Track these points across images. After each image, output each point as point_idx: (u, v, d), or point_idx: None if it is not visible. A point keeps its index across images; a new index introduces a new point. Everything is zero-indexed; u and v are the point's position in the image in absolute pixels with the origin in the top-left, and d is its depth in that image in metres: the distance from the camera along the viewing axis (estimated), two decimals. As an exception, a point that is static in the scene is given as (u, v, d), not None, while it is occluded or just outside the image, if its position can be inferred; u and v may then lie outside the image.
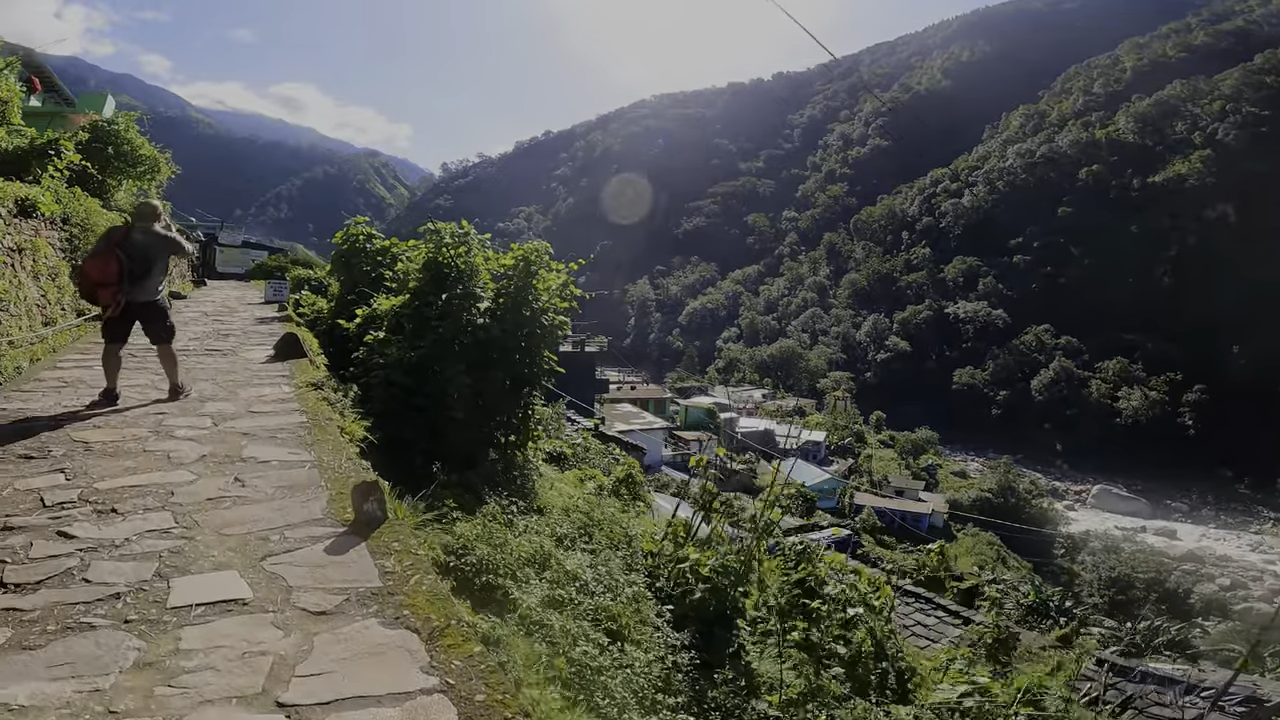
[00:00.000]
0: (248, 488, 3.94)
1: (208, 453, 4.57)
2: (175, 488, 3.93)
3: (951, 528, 40.75)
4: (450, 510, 4.33)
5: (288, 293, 15.90)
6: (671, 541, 5.24)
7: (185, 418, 5.44)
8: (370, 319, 7.51)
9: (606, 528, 5.06)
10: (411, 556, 3.18)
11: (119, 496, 3.77)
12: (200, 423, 5.34)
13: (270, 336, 9.99)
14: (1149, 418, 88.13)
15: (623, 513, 6.23)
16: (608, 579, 3.85)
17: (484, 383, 6.00)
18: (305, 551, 3.19)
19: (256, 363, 7.98)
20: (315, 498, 3.82)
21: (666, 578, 4.81)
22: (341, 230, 11.12)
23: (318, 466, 4.26)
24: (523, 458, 6.52)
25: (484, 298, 6.38)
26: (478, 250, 6.81)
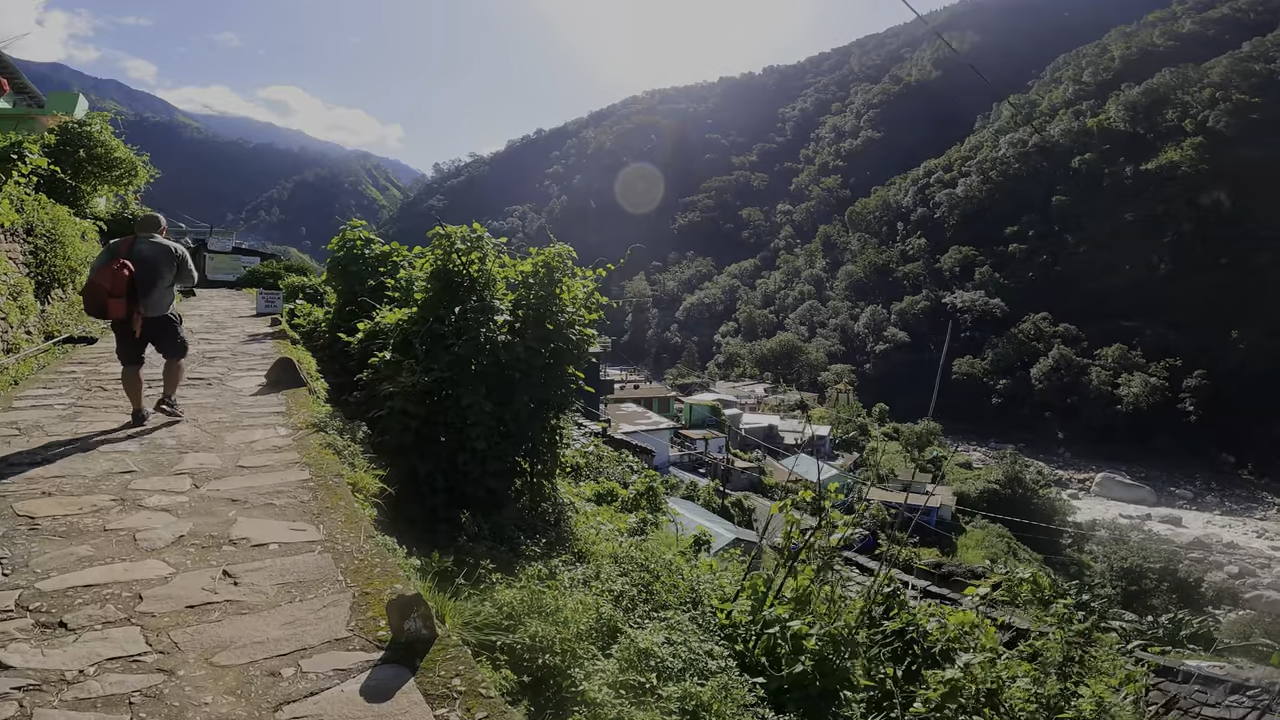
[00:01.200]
0: (242, 586, 3.03)
1: (187, 531, 3.59)
2: (145, 587, 3.00)
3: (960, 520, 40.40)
4: (485, 570, 3.76)
5: (281, 304, 15.15)
6: (750, 596, 4.63)
7: (158, 477, 4.39)
8: (373, 333, 6.86)
9: (665, 578, 4.48)
10: (485, 705, 2.39)
11: (70, 602, 2.87)
12: (177, 484, 4.27)
13: (263, 359, 8.97)
14: (1150, 404, 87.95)
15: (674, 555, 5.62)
16: (686, 653, 3.27)
17: (507, 408, 5.41)
18: (333, 696, 2.37)
19: (246, 394, 6.84)
20: (334, 602, 2.93)
21: (747, 641, 4.18)
22: (337, 235, 10.47)
23: (330, 550, 3.38)
24: (550, 487, 5.94)
25: (502, 310, 5.78)
26: (493, 256, 6.17)
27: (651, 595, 4.19)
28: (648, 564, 4.58)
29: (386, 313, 6.99)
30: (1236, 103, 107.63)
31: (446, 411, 5.23)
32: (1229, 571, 44.18)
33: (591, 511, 6.58)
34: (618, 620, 3.74)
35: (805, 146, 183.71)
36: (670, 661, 3.13)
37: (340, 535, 3.52)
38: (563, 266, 6.04)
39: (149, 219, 6.05)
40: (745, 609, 4.41)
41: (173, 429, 5.44)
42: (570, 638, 3.13)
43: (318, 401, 6.31)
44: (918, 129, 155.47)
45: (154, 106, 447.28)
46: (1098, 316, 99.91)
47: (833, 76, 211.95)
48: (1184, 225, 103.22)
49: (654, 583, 4.30)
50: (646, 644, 3.14)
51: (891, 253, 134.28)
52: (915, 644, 4.64)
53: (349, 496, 3.97)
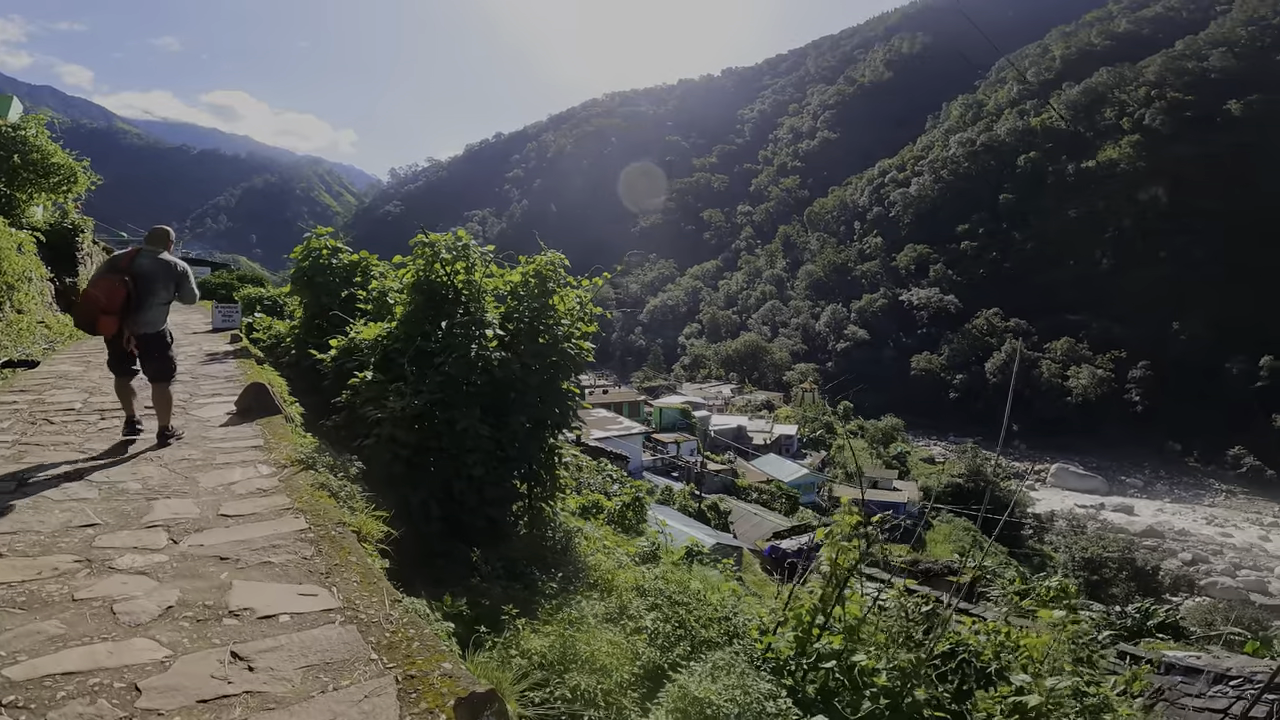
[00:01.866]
0: (259, 672, 2.44)
1: (175, 600, 2.94)
2: (140, 676, 2.40)
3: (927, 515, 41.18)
4: (509, 615, 3.45)
5: (239, 318, 14.33)
6: (797, 626, 4.35)
7: (127, 531, 3.65)
8: (349, 350, 6.42)
9: (697, 610, 4.22)
10: None
11: (50, 695, 2.27)
12: (151, 540, 3.56)
13: (228, 382, 8.21)
14: (1098, 395, 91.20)
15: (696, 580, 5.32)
16: (742, 697, 3.00)
17: (503, 429, 5.08)
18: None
19: (215, 425, 5.98)
20: (376, 690, 2.34)
21: (795, 675, 3.89)
22: (301, 244, 9.90)
23: (354, 620, 2.81)
24: (551, 511, 5.63)
25: (493, 324, 5.43)
26: (480, 266, 5.80)
27: (687, 630, 3.93)
28: (675, 595, 4.31)
29: (362, 327, 6.58)
30: (1171, 100, 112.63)
31: (439, 436, 4.86)
32: (1183, 559, 45.96)
33: (598, 537, 6.28)
34: (658, 661, 3.48)
35: (764, 148, 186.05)
36: (727, 708, 2.87)
37: (360, 600, 2.98)
38: (555, 276, 5.72)
39: (158, 233, 5.86)
40: (790, 640, 4.14)
41: (136, 469, 4.74)
42: (613, 688, 2.86)
43: (298, 432, 5.71)
44: (872, 129, 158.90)
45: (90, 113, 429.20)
46: (1046, 311, 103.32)
47: (790, 78, 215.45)
48: (1124, 221, 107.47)
49: (686, 616, 4.04)
50: (702, 692, 2.86)
51: (849, 252, 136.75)
52: (967, 664, 4.43)
53: (359, 550, 3.46)
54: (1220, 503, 68.85)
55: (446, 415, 4.89)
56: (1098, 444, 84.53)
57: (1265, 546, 52.93)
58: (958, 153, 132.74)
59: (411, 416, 4.81)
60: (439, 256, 5.69)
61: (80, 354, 9.76)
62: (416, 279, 5.82)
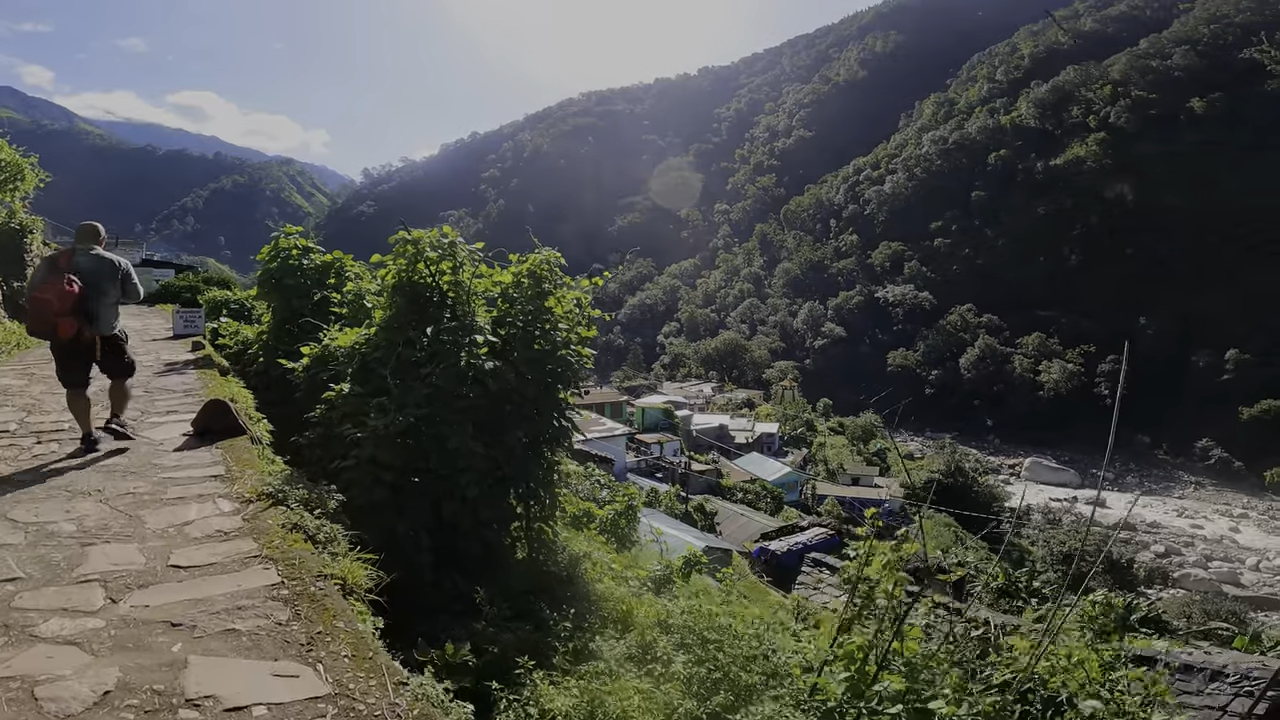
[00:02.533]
0: None
1: (114, 683, 2.31)
2: None
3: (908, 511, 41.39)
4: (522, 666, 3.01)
5: (203, 323, 13.27)
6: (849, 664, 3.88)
7: (54, 588, 2.98)
8: (323, 359, 5.91)
9: (732, 647, 3.79)
10: None
11: None
12: (83, 599, 2.87)
13: (186, 396, 7.27)
14: (1069, 389, 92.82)
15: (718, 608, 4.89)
16: None
17: (498, 446, 4.63)
18: None
19: (168, 449, 5.20)
20: None
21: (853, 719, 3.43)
22: (269, 244, 9.29)
23: (350, 713, 2.21)
24: (551, 533, 5.18)
25: (483, 330, 4.96)
26: (469, 266, 5.33)
27: (725, 673, 3.50)
28: (705, 632, 3.87)
29: (337, 333, 6.07)
30: (1136, 99, 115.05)
31: (427, 456, 4.38)
32: (1156, 551, 46.75)
33: (605, 560, 5.82)
34: (697, 714, 3.07)
35: (740, 146, 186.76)
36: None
37: (354, 683, 2.36)
38: (551, 276, 5.27)
39: (87, 229, 5.52)
40: (843, 681, 3.67)
41: (72, 509, 3.95)
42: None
43: (266, 457, 4.99)
44: (847, 127, 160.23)
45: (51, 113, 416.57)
46: (1017, 307, 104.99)
47: (766, 77, 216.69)
48: (1091, 218, 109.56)
49: (722, 657, 3.61)
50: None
51: (826, 249, 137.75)
52: (1032, 693, 4.03)
53: (347, 611, 2.78)
54: (1190, 494, 70.38)
55: (435, 432, 4.40)
56: (1069, 438, 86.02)
57: (1235, 538, 54.14)
58: (930, 151, 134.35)
59: (395, 435, 4.34)
60: (423, 255, 5.20)
61: (24, 365, 8.98)
62: (398, 280, 5.32)
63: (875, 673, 3.54)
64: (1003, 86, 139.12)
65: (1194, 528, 55.91)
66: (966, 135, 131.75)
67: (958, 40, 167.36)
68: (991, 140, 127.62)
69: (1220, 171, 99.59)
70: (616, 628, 3.98)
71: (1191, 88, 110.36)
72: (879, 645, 3.64)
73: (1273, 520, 59.79)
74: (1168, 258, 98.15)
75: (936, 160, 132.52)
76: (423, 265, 5.17)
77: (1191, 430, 79.73)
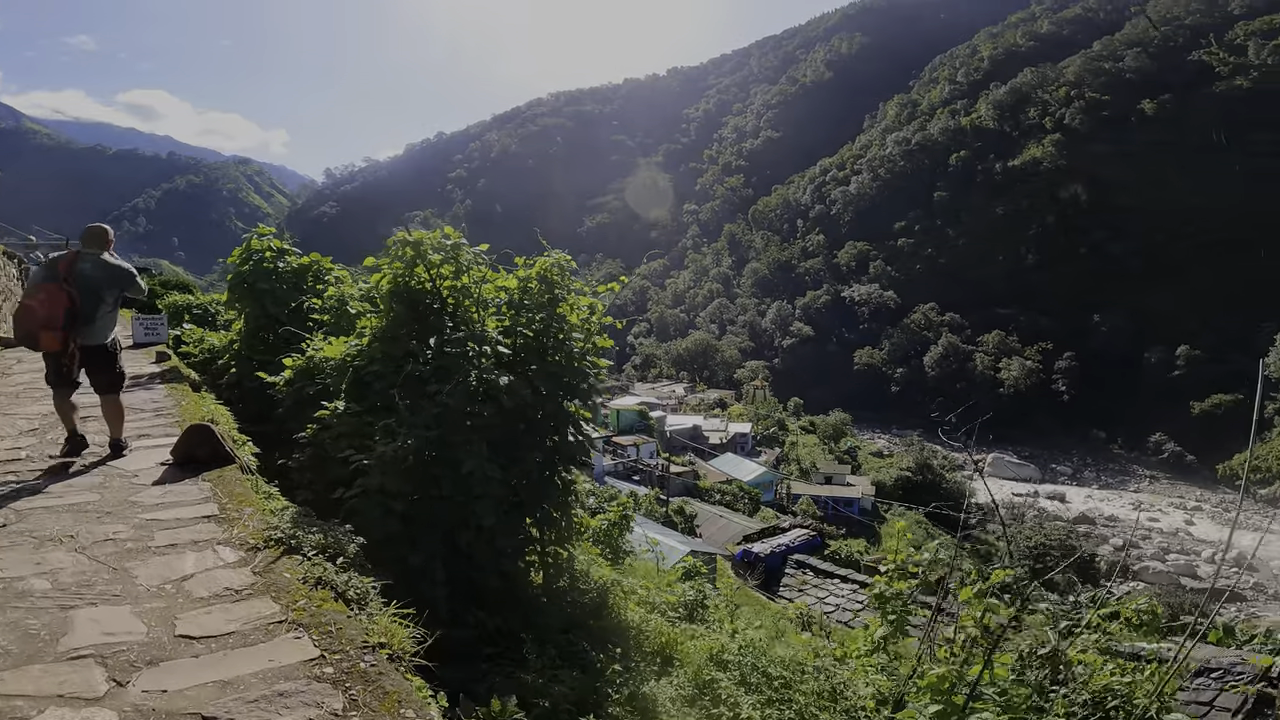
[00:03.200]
0: None
1: None
2: None
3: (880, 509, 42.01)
4: None
5: (166, 330, 12.37)
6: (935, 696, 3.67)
7: (38, 666, 2.39)
8: (308, 372, 5.58)
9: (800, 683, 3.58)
10: None
11: None
12: (81, 680, 2.30)
13: (158, 416, 6.34)
14: (1028, 386, 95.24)
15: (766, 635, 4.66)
16: None
17: (515, 468, 4.36)
18: None
19: (146, 482, 4.50)
20: None
21: None
22: (240, 246, 8.71)
23: None
24: (567, 557, 4.92)
25: (493, 341, 4.63)
26: (474, 270, 5.00)
27: (800, 712, 3.30)
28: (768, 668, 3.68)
29: (324, 344, 5.65)
30: (1089, 100, 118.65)
31: (439, 482, 4.08)
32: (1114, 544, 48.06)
33: (631, 584, 5.56)
34: None
35: (709, 147, 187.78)
36: None
37: None
38: (563, 281, 4.98)
39: (95, 232, 5.31)
40: (932, 715, 3.46)
41: (43, 561, 3.27)
42: None
43: (262, 490, 4.33)
44: (814, 128, 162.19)
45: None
46: (978, 305, 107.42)
47: (734, 78, 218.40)
48: (1047, 218, 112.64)
49: (792, 694, 3.41)
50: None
51: (793, 249, 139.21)
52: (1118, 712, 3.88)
53: (412, 696, 2.27)
54: (1145, 488, 72.68)
55: (448, 456, 4.10)
56: (1030, 433, 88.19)
57: (1190, 531, 55.95)
58: (894, 152, 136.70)
59: (403, 460, 4.02)
60: (424, 258, 4.84)
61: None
62: (395, 285, 4.92)
63: (966, 704, 3.37)
64: (963, 88, 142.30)
65: (1150, 521, 57.62)
66: (929, 136, 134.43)
67: (920, 42, 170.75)
68: (953, 141, 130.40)
69: (1169, 171, 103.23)
70: (662, 661, 3.76)
71: (1143, 89, 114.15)
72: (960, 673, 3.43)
73: (1226, 513, 62.03)
74: (1120, 256, 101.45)
75: (900, 161, 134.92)
76: (422, 269, 4.83)
77: (1145, 425, 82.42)
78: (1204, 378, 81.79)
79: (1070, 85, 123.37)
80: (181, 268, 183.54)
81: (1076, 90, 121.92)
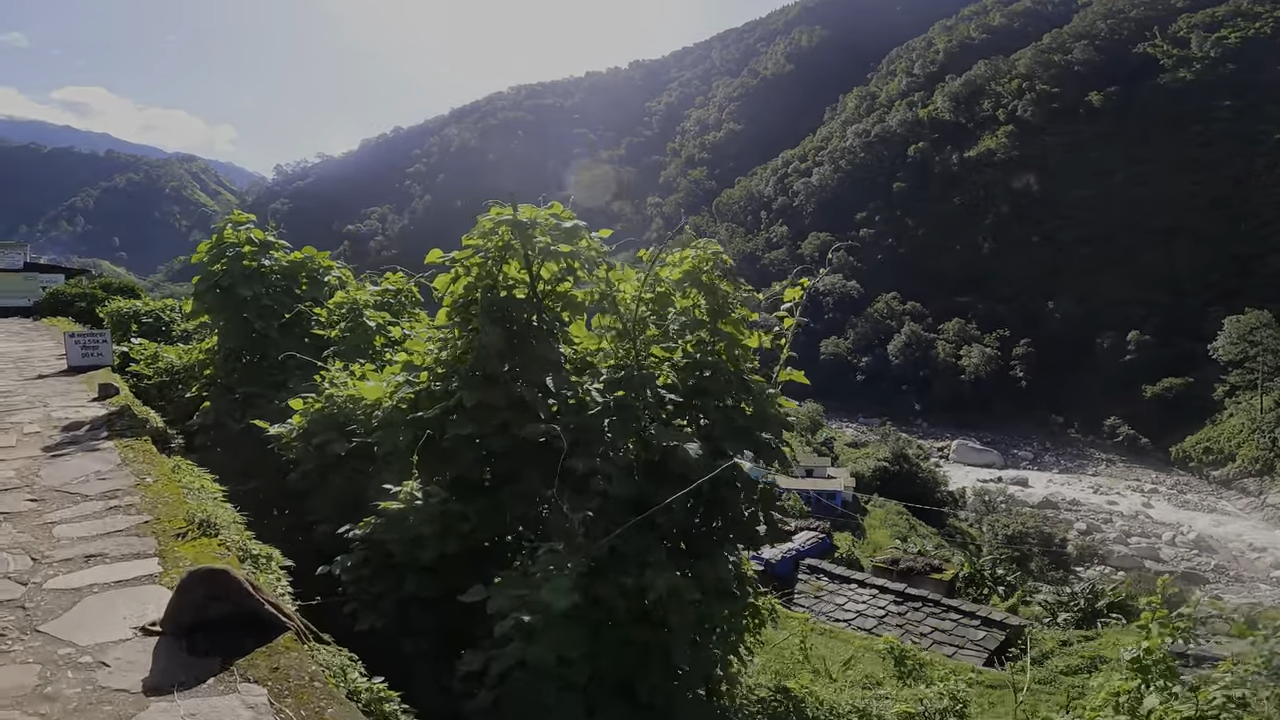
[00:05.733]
0: None
1: None
2: None
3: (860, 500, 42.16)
4: None
5: (110, 348, 9.74)
6: None
7: None
8: (330, 420, 4.15)
9: None
10: None
11: None
12: None
13: (111, 509, 3.84)
14: (987, 373, 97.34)
15: None
16: None
17: (706, 571, 3.13)
18: None
19: (130, 687, 2.18)
20: None
21: None
22: (207, 241, 6.94)
23: None
24: (742, 666, 3.70)
25: (651, 379, 3.29)
26: (603, 267, 3.62)
27: None
28: None
29: (346, 375, 4.33)
30: (1040, 92, 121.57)
31: (604, 606, 2.74)
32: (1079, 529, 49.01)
33: (829, 698, 4.34)
34: None
35: (672, 139, 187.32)
36: None
37: None
38: (728, 285, 3.72)
39: None
40: None
41: None
42: None
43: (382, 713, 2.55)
44: (776, 121, 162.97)
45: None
46: (938, 294, 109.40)
47: (696, 70, 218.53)
48: (1002, 207, 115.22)
49: None
50: None
51: (757, 240, 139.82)
52: None
53: None
54: (1103, 472, 74.71)
55: (618, 574, 2.80)
56: (991, 419, 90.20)
57: (1149, 513, 57.55)
58: (854, 143, 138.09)
59: (571, 595, 2.68)
60: (530, 243, 3.41)
61: None
62: (484, 294, 3.43)
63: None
64: (920, 80, 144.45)
65: (1110, 504, 58.98)
66: (887, 128, 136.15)
67: (878, 34, 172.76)
68: (911, 133, 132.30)
69: (1115, 161, 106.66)
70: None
71: (1091, 81, 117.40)
72: None
73: (1181, 495, 64.11)
74: (1071, 244, 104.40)
75: (860, 153, 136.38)
76: (515, 265, 3.47)
77: (1100, 409, 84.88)
78: (1153, 361, 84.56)
79: (1022, 77, 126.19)
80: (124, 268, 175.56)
81: (1028, 82, 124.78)
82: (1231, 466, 64.88)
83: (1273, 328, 70.27)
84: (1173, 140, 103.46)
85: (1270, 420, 62.98)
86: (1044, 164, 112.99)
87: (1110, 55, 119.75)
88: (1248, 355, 70.55)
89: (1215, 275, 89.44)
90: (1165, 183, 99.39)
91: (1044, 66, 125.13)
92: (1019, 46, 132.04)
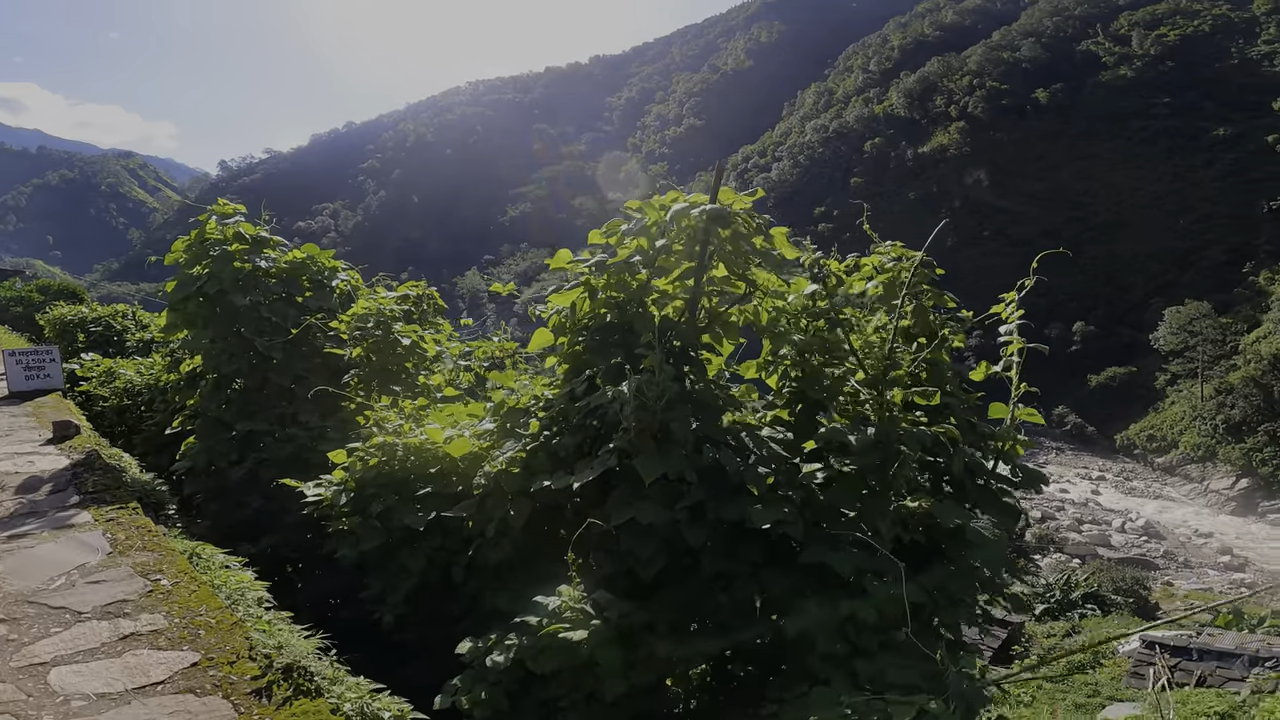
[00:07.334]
0: None
1: None
2: None
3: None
4: None
5: (60, 370, 7.98)
6: None
7: None
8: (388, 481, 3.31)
9: None
10: None
11: None
12: None
13: (121, 630, 2.64)
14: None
15: None
16: None
17: None
18: None
19: None
20: None
21: None
22: (185, 239, 5.79)
23: None
24: None
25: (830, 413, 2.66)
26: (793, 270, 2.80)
27: None
28: None
29: (434, 429, 3.29)
30: (990, 90, 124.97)
31: None
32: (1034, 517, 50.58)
33: None
34: None
35: (633, 135, 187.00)
36: None
37: None
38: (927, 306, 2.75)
39: None
40: None
41: None
42: None
43: None
44: (736, 116, 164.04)
45: None
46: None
47: (656, 65, 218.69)
48: (955, 202, 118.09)
49: None
50: None
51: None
52: None
53: None
54: (1053, 460, 77.14)
55: None
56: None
57: (1099, 500, 59.44)
58: (813, 139, 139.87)
59: None
60: (739, 242, 2.67)
61: None
62: (623, 308, 2.83)
63: None
64: (875, 77, 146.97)
65: (1061, 492, 60.68)
66: (845, 124, 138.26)
67: (835, 31, 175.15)
68: (868, 129, 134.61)
69: (1061, 157, 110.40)
70: None
71: (1037, 78, 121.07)
72: None
73: (1127, 481, 66.52)
74: (1020, 238, 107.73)
75: (819, 148, 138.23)
76: (633, 280, 2.69)
77: (1050, 399, 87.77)
78: (1097, 351, 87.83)
79: (973, 74, 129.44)
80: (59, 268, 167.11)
81: (978, 79, 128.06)
82: (1174, 453, 67.69)
83: (1211, 318, 73.44)
84: (1115, 136, 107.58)
85: (1210, 408, 65.90)
86: (993, 160, 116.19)
87: (1056, 53, 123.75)
88: (1188, 345, 73.59)
89: (1156, 267, 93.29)
90: (1108, 178, 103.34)
91: (993, 64, 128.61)
92: (970, 43, 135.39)
